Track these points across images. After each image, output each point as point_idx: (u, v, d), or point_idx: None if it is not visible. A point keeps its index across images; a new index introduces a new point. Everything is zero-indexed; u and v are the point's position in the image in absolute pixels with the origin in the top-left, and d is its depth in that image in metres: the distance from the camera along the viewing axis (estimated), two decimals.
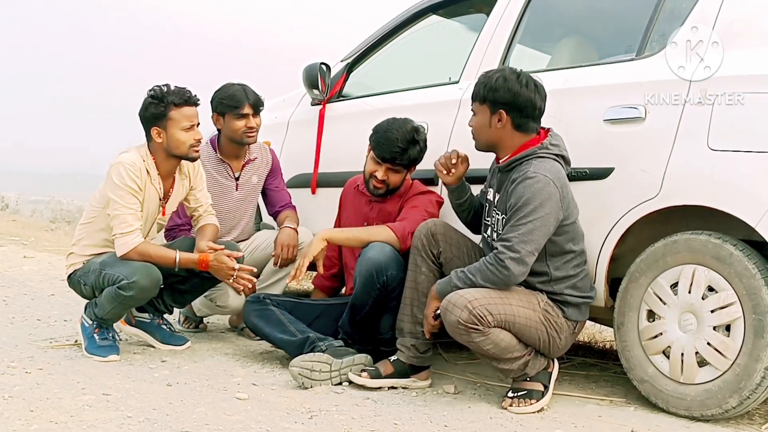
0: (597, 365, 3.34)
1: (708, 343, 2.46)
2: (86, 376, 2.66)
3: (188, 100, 3.00)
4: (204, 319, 3.69)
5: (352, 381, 2.77)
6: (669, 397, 2.56)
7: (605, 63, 2.92)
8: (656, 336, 2.59)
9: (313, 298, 3.43)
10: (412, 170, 3.16)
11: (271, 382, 2.78)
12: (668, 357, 2.56)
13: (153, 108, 2.99)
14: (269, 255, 3.44)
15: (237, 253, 3.08)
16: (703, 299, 2.48)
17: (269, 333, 3.06)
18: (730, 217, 2.44)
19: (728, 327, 2.44)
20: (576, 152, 2.68)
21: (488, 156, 2.79)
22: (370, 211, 3.22)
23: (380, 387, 2.76)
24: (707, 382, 2.47)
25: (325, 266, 3.15)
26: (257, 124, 3.46)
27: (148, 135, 3.03)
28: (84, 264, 3.06)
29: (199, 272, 3.09)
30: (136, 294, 2.90)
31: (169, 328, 3.29)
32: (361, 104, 3.71)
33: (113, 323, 3.06)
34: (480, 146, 2.73)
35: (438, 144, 3.16)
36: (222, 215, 3.44)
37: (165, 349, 3.17)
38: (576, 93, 2.84)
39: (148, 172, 3.01)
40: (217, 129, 3.52)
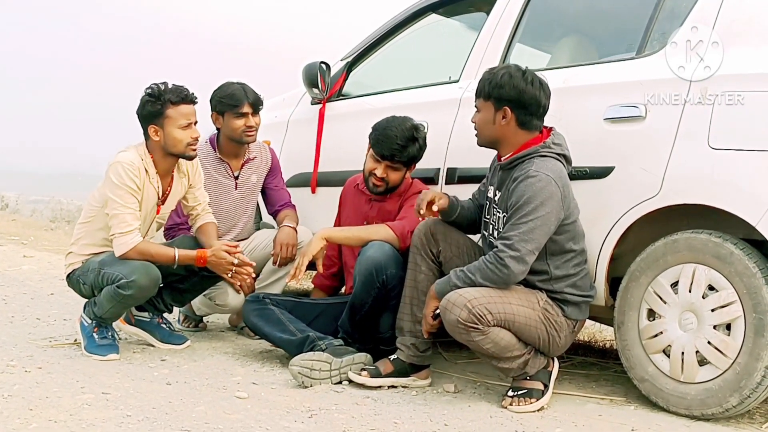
0: (597, 364, 3.34)
1: (708, 342, 2.46)
2: (86, 375, 2.66)
3: (185, 98, 2.99)
4: (203, 318, 3.69)
5: (352, 380, 2.76)
6: (669, 396, 2.55)
7: (605, 62, 2.91)
8: (656, 335, 2.59)
9: (313, 298, 3.43)
10: (412, 169, 3.16)
11: (271, 381, 2.78)
12: (668, 356, 2.56)
13: (150, 106, 2.98)
14: (269, 254, 3.43)
15: (236, 250, 3.06)
16: (704, 298, 2.48)
17: (269, 332, 3.06)
18: (731, 216, 2.44)
19: (729, 326, 2.44)
20: (576, 151, 2.67)
21: (488, 156, 2.79)
22: (370, 210, 3.21)
23: (380, 386, 2.76)
24: (707, 381, 2.47)
25: (325, 265, 3.16)
26: (256, 123, 3.45)
27: (146, 133, 3.03)
28: (83, 263, 3.06)
29: (199, 271, 3.09)
30: (135, 293, 2.90)
31: (169, 327, 3.29)
32: (361, 103, 3.71)
33: (112, 322, 3.06)
34: (482, 143, 2.72)
35: (438, 143, 3.16)
36: (221, 214, 3.43)
37: (164, 348, 3.16)
38: (576, 92, 2.84)
39: (147, 171, 3.00)
40: (217, 128, 3.52)
